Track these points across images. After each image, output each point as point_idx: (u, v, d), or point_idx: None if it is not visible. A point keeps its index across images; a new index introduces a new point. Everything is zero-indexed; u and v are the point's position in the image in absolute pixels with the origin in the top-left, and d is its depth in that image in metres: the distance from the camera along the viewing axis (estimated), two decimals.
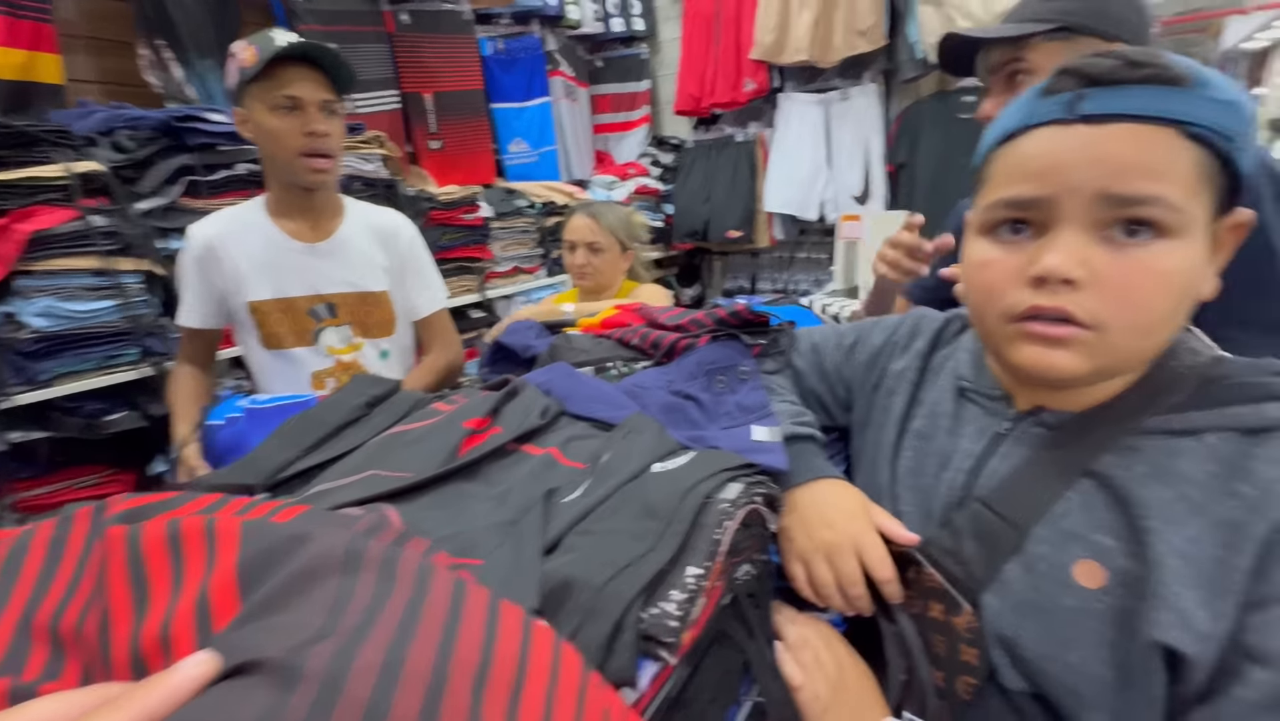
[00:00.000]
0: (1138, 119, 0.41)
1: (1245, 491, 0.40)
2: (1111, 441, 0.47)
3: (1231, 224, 0.45)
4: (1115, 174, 0.41)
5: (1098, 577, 0.45)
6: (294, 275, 1.16)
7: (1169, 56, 0.42)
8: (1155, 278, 0.42)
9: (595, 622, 0.34)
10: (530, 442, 0.62)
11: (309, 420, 0.71)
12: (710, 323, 0.79)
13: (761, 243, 2.94)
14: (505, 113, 2.69)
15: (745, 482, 0.48)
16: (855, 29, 2.39)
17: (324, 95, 1.08)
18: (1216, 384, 0.46)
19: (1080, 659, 0.45)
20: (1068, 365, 0.44)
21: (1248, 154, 0.42)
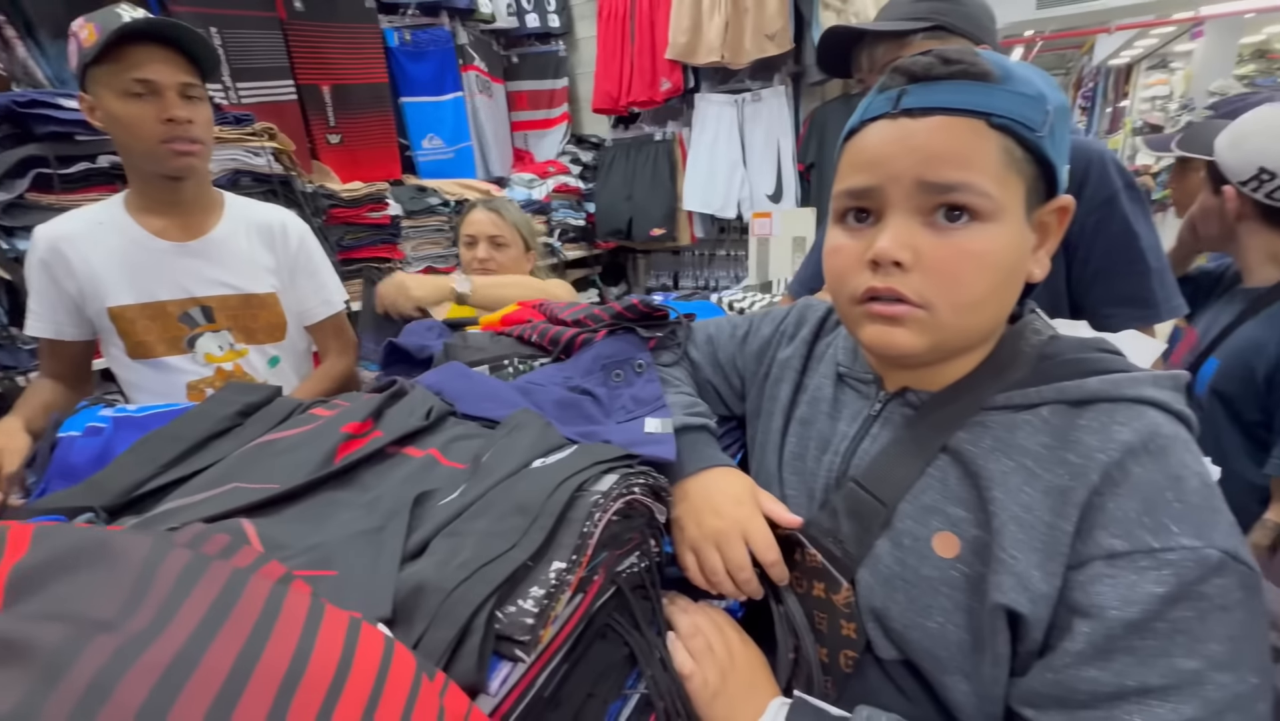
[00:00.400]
0: (950, 111, 0.44)
1: (1071, 459, 0.44)
2: (964, 418, 0.50)
3: (1054, 209, 0.48)
4: (928, 162, 0.44)
5: (953, 547, 0.48)
6: (160, 277, 1.06)
7: (980, 54, 0.45)
8: (974, 259, 0.44)
9: (441, 627, 0.32)
10: (412, 445, 0.59)
11: (168, 434, 0.65)
12: (607, 317, 0.79)
13: (683, 241, 2.98)
14: (417, 107, 2.58)
15: (621, 474, 0.47)
16: (764, 32, 2.47)
17: (183, 78, 0.98)
18: (1050, 361, 0.50)
19: (939, 625, 0.48)
20: (905, 341, 0.47)
21: (1056, 143, 0.46)
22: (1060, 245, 1.05)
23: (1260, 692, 0.39)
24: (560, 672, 0.42)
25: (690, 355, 0.79)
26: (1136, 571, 0.39)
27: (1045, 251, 0.50)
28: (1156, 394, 0.45)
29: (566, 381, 0.75)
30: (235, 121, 1.59)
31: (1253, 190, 1.02)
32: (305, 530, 0.46)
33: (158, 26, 0.95)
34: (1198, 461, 0.43)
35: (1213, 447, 1.09)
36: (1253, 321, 1.07)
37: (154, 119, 0.96)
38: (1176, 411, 0.45)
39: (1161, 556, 0.39)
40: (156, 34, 0.95)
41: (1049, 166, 0.46)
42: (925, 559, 0.49)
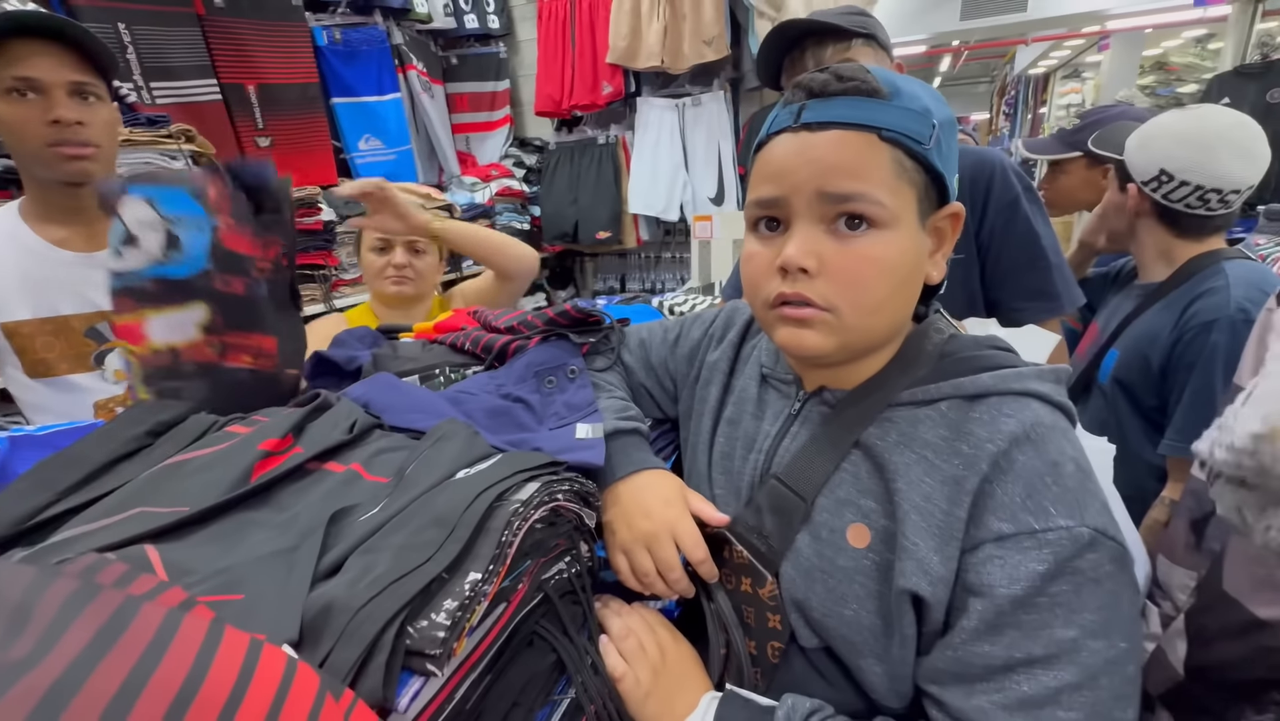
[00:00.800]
0: (845, 126, 0.47)
1: (964, 450, 0.47)
2: (873, 414, 0.53)
3: (946, 215, 0.52)
4: (826, 174, 0.47)
5: (865, 537, 0.50)
6: (63, 290, 0.99)
7: (872, 72, 0.48)
8: (872, 264, 0.47)
9: (348, 646, 0.32)
10: (334, 460, 0.57)
11: (68, 457, 0.61)
12: (540, 324, 0.78)
13: (629, 243, 3.00)
14: (351, 108, 2.50)
15: (544, 481, 0.48)
16: (701, 38, 2.51)
17: (73, 76, 0.91)
18: (949, 359, 0.53)
19: (854, 612, 0.50)
20: (814, 342, 0.49)
21: (943, 154, 0.49)
22: (974, 248, 1.12)
23: (1129, 655, 0.43)
24: (482, 684, 0.42)
25: (623, 359, 0.80)
26: (1020, 551, 0.43)
27: (941, 255, 0.53)
28: (1039, 387, 0.49)
29: (499, 389, 0.75)
30: (149, 123, 1.50)
31: (1153, 190, 1.11)
32: (215, 553, 0.45)
33: (39, 20, 0.87)
34: (1074, 447, 0.47)
35: (1116, 432, 1.19)
36: (1146, 314, 1.16)
37: (38, 120, 0.89)
38: (1057, 402, 0.49)
39: (1042, 537, 0.42)
40: (41, 29, 0.88)
41: (938, 176, 0.49)
42: (840, 550, 0.51)
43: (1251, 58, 3.86)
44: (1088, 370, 1.26)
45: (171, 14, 1.83)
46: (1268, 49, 3.61)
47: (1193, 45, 7.34)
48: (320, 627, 0.34)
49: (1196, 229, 1.11)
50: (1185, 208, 1.08)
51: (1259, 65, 3.56)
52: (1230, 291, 1.03)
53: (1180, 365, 1.07)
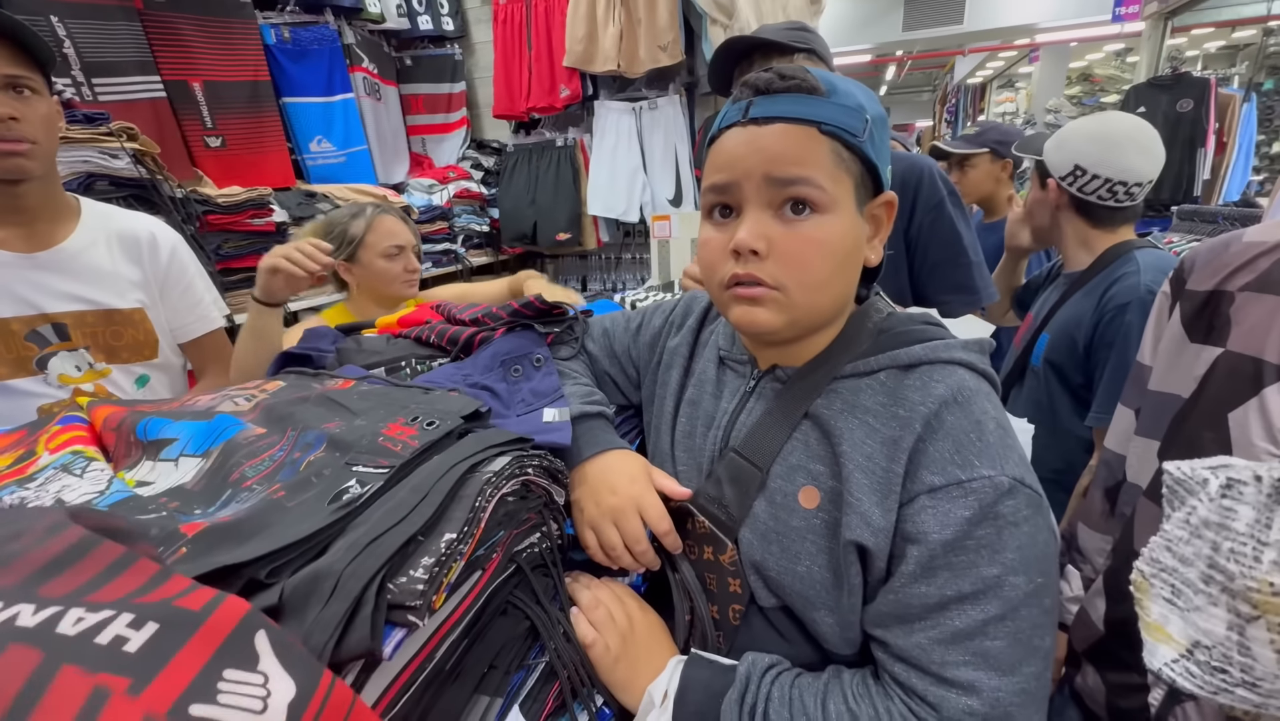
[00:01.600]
0: (788, 120, 0.51)
1: (900, 413, 0.52)
2: (820, 387, 0.57)
3: (881, 203, 0.57)
4: (772, 161, 0.51)
5: (815, 499, 0.55)
6: (1, 294, 0.95)
7: (811, 72, 0.53)
8: (816, 245, 0.52)
9: (336, 603, 0.34)
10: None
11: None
12: (505, 315, 0.81)
13: (589, 245, 3.02)
14: (302, 108, 2.45)
15: (514, 455, 0.50)
16: (657, 44, 2.56)
17: (5, 69, 0.88)
18: (886, 334, 0.59)
19: (806, 568, 0.55)
20: (765, 319, 0.53)
21: (876, 146, 0.54)
22: (903, 245, 1.23)
23: (1045, 589, 0.48)
24: (460, 647, 0.44)
25: (587, 348, 0.83)
26: (950, 500, 0.48)
27: (879, 240, 0.59)
28: (965, 356, 0.55)
29: (466, 379, 0.76)
30: (87, 120, 1.45)
31: (1069, 184, 1.21)
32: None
33: None
34: (996, 409, 0.53)
35: (1048, 410, 1.29)
36: (1071, 300, 1.26)
37: None
38: (981, 370, 0.55)
39: (968, 486, 0.47)
40: None
41: (872, 166, 0.54)
42: (793, 511, 0.55)
43: (1163, 71, 4.18)
44: (1022, 355, 1.36)
45: (108, 8, 1.76)
46: (1176, 63, 3.92)
47: (1114, 58, 7.88)
48: (308, 594, 0.35)
49: (1108, 219, 1.23)
50: (1098, 199, 1.19)
51: (1169, 78, 3.86)
52: (1140, 276, 1.14)
53: (1101, 344, 1.17)
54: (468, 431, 0.56)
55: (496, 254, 3.21)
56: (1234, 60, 7.04)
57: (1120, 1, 5.13)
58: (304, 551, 0.40)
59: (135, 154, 1.52)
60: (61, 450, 0.57)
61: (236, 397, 0.69)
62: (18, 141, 0.90)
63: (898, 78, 10.52)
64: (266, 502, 0.47)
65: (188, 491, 0.53)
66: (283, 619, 0.36)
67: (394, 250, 1.36)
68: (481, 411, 0.61)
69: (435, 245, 2.81)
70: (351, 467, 0.49)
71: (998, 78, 9.11)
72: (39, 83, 0.93)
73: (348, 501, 0.44)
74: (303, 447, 0.56)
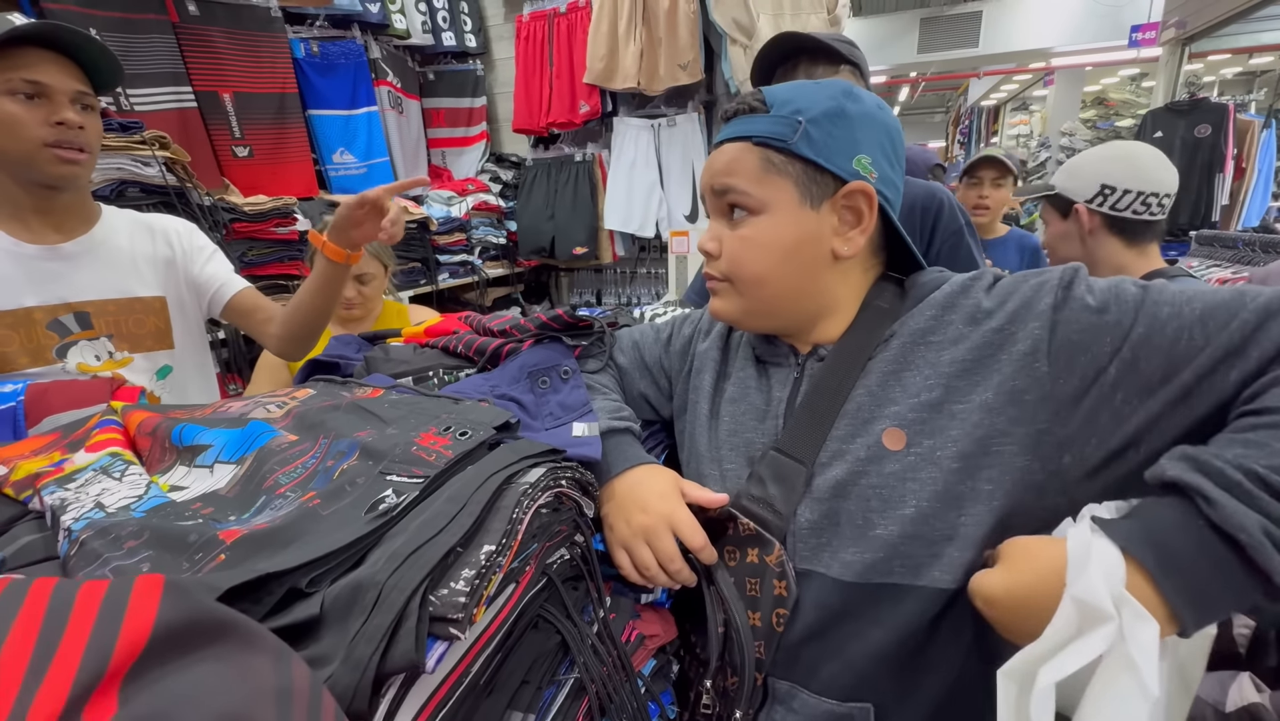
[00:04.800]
0: (732, 139, 0.60)
1: (960, 303, 0.57)
2: (868, 349, 0.60)
3: (847, 193, 0.58)
4: (713, 175, 0.61)
5: (900, 440, 0.55)
6: (26, 284, 0.98)
7: (768, 91, 0.59)
8: (748, 243, 0.60)
9: (379, 615, 0.33)
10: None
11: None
12: (533, 327, 0.81)
13: (605, 259, 3.04)
14: (326, 120, 2.50)
15: (548, 467, 0.50)
16: (677, 62, 2.59)
17: (77, 86, 0.94)
18: (912, 290, 0.62)
19: (915, 507, 0.53)
20: (720, 307, 0.64)
21: (815, 144, 0.57)
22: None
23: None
24: (495, 661, 0.44)
25: (617, 361, 0.82)
26: (1073, 302, 0.52)
27: (859, 231, 0.60)
28: (986, 275, 0.60)
29: (493, 390, 0.76)
30: (121, 129, 1.48)
31: (1099, 205, 1.21)
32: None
33: (57, 32, 0.91)
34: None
35: None
36: None
37: (42, 121, 0.91)
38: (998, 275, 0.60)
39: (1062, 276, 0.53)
40: (54, 40, 0.91)
41: (818, 163, 0.57)
42: (884, 458, 0.55)
43: (1180, 96, 4.18)
44: None
45: (144, 21, 1.81)
46: (1194, 88, 3.93)
47: (1129, 83, 7.89)
48: (350, 604, 0.35)
49: (1143, 234, 1.23)
50: (1133, 214, 1.19)
51: (1187, 103, 3.85)
52: None
53: None
54: (498, 442, 0.56)
55: (512, 266, 3.24)
56: (1251, 86, 7.03)
57: (1137, 27, 5.15)
58: (343, 560, 0.40)
59: (166, 162, 1.55)
60: (100, 450, 0.57)
61: (268, 404, 0.69)
62: (79, 151, 0.96)
63: (911, 99, 10.59)
64: (302, 510, 0.47)
65: (222, 497, 0.53)
66: (323, 629, 0.36)
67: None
68: (511, 422, 0.60)
69: (453, 256, 2.83)
70: (386, 476, 0.49)
71: (1012, 100, 9.14)
72: (96, 101, 0.99)
73: (384, 511, 0.44)
74: (335, 455, 0.56)
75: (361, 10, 2.50)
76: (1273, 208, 4.09)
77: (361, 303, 1.47)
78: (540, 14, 2.88)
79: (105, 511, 0.50)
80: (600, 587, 0.56)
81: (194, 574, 0.40)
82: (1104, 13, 5.57)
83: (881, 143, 0.60)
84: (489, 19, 3.20)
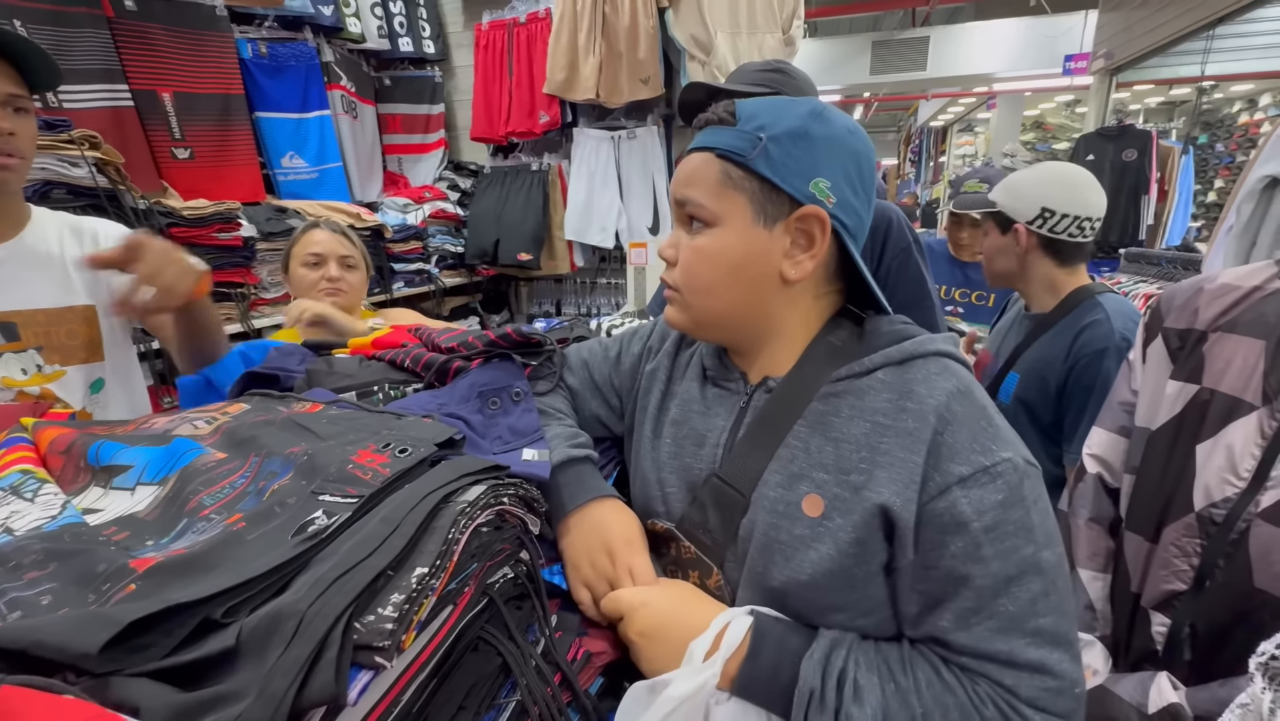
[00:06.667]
0: (697, 149, 0.60)
1: (910, 406, 0.53)
2: (811, 392, 0.59)
3: (799, 216, 0.56)
4: (677, 185, 0.61)
5: (819, 507, 0.55)
6: None
7: (741, 104, 0.59)
8: (699, 254, 0.59)
9: (299, 645, 0.32)
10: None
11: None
12: (481, 345, 0.79)
13: (561, 269, 3.03)
14: (275, 123, 2.42)
15: (489, 485, 0.49)
16: (637, 77, 2.62)
17: (11, 89, 0.89)
18: (870, 336, 0.61)
19: (810, 575, 0.55)
20: (671, 315, 0.64)
21: (773, 162, 0.55)
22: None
23: (1064, 556, 0.52)
24: (429, 688, 0.42)
25: (567, 382, 0.81)
26: (981, 487, 0.50)
27: (809, 256, 0.57)
28: (948, 348, 0.58)
29: (441, 408, 0.74)
30: (47, 126, 1.40)
31: (1038, 226, 1.27)
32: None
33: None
34: (984, 393, 0.56)
35: None
36: (1040, 341, 1.32)
37: None
38: (962, 360, 0.58)
39: (994, 471, 0.50)
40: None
41: (774, 182, 0.55)
42: (797, 520, 0.55)
43: (1109, 122, 4.45)
44: (988, 391, 1.41)
45: (76, 14, 1.72)
46: (1122, 115, 4.19)
47: (1064, 109, 8.38)
48: (269, 634, 0.33)
49: (1074, 255, 1.30)
50: (1068, 236, 1.26)
51: (1115, 129, 4.11)
52: (1111, 323, 1.21)
53: (1078, 387, 1.23)
54: (441, 459, 0.55)
55: (470, 275, 3.19)
56: (1172, 115, 7.56)
57: (1070, 56, 5.49)
58: (264, 588, 0.38)
59: (97, 163, 1.47)
60: (8, 469, 0.53)
61: (196, 420, 0.66)
62: (9, 156, 0.91)
63: (865, 118, 10.97)
64: (225, 534, 0.45)
65: (140, 521, 0.50)
66: (239, 662, 0.34)
67: (311, 259, 1.36)
68: (456, 439, 0.59)
69: (409, 265, 2.78)
70: (318, 497, 0.47)
71: (958, 122, 9.58)
72: (29, 102, 0.94)
73: (313, 534, 0.42)
74: (267, 475, 0.53)
75: (314, 13, 2.44)
76: (1192, 228, 4.39)
77: (347, 290, 1.36)
78: (500, 23, 2.87)
79: (13, 535, 0.46)
80: (545, 606, 0.55)
81: (100, 605, 0.38)
82: (1041, 42, 5.92)
83: (846, 167, 0.57)
84: (448, 26, 3.17)
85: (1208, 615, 0.64)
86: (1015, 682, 0.50)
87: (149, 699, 0.31)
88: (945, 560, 0.51)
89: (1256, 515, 0.61)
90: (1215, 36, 3.81)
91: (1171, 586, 0.67)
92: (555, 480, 0.65)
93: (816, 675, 0.51)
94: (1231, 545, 0.62)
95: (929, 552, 0.51)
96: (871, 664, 0.52)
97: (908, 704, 0.50)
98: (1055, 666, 0.50)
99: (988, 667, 0.50)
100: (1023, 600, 0.50)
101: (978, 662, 0.51)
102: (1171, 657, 0.67)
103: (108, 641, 0.32)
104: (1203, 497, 0.65)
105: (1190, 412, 0.68)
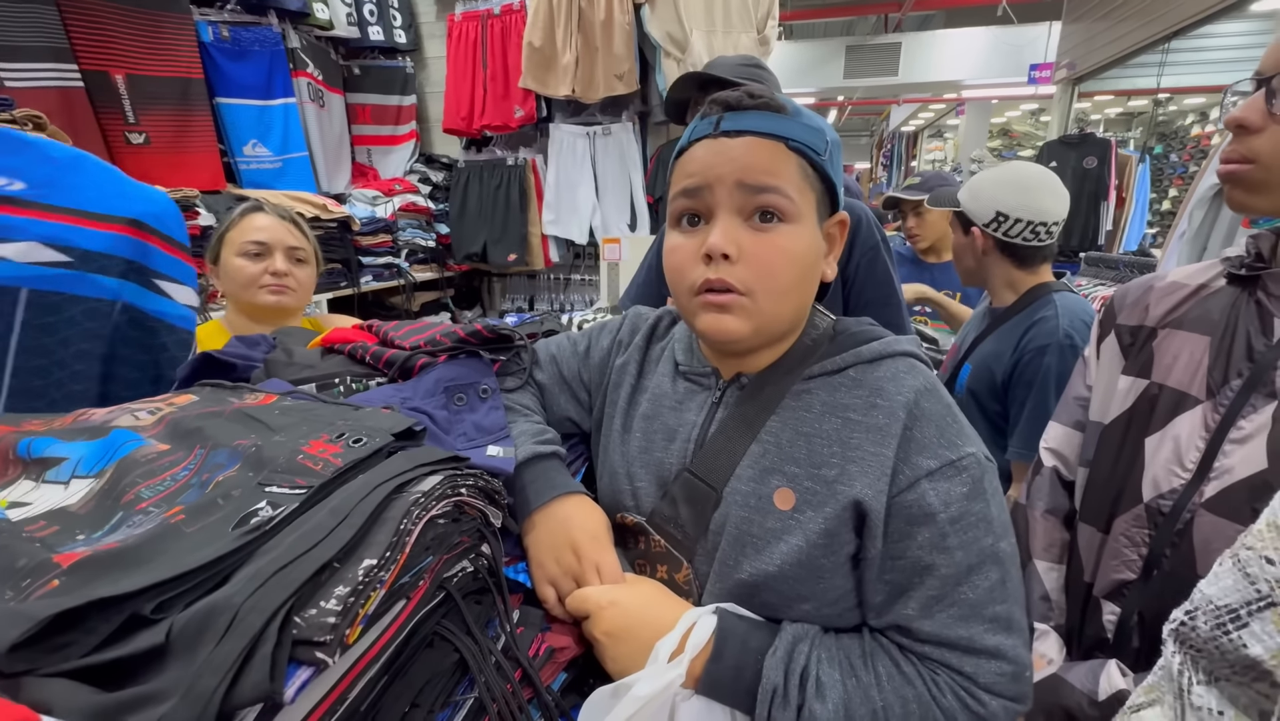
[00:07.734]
0: (757, 134, 0.54)
1: (880, 403, 0.55)
2: (785, 389, 0.59)
3: (836, 221, 0.60)
4: (745, 169, 0.53)
5: (790, 500, 0.55)
6: None
7: (775, 93, 0.56)
8: (783, 253, 0.54)
9: (231, 640, 0.30)
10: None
11: None
12: (449, 342, 0.77)
13: (538, 265, 3.00)
14: (238, 109, 2.34)
15: (446, 474, 0.47)
16: (613, 72, 2.61)
17: None
18: (840, 336, 0.62)
19: (779, 567, 0.55)
20: (733, 326, 0.54)
21: (834, 167, 0.57)
22: (840, 281, 1.31)
23: (1016, 547, 0.55)
24: (378, 685, 0.41)
25: (536, 379, 0.79)
26: (947, 480, 0.51)
27: (833, 257, 0.61)
28: (913, 349, 0.59)
29: (404, 402, 0.72)
30: None
31: (993, 230, 1.30)
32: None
33: None
34: (946, 392, 0.57)
35: None
36: (993, 335, 1.34)
37: None
38: (925, 359, 0.60)
39: (959, 464, 0.51)
40: None
41: (831, 185, 0.57)
42: (768, 514, 0.56)
43: (1071, 130, 4.60)
44: (947, 382, 1.43)
45: None
46: (1083, 124, 4.33)
47: (1029, 117, 8.64)
48: (201, 630, 0.32)
49: (1032, 258, 1.32)
50: (1022, 241, 1.28)
51: (1077, 137, 4.25)
52: (1059, 320, 1.23)
53: (1020, 382, 1.25)
54: (399, 450, 0.53)
55: (442, 270, 3.14)
56: (1130, 125, 7.85)
57: (1035, 66, 5.66)
58: (200, 582, 0.36)
59: None
60: None
61: (138, 411, 0.62)
62: None
63: (838, 121, 11.14)
64: (163, 527, 0.42)
65: (72, 514, 0.47)
66: (168, 660, 0.32)
67: (253, 247, 1.15)
68: (416, 430, 0.57)
69: (378, 258, 2.72)
70: (264, 488, 0.45)
71: (928, 127, 9.79)
72: None
73: (256, 525, 0.40)
74: (212, 467, 0.51)
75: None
76: (1148, 234, 4.56)
77: (296, 288, 1.20)
78: (473, 14, 2.82)
79: None
80: (507, 600, 0.54)
81: (19, 602, 0.35)
82: (1007, 51, 6.09)
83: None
84: (420, 16, 3.11)
85: (1155, 603, 0.66)
86: (975, 669, 0.51)
87: (64, 700, 0.28)
88: (912, 550, 0.52)
89: (1200, 505, 0.63)
90: (1171, 50, 3.96)
91: (1121, 576, 0.69)
92: (520, 476, 0.63)
93: (779, 672, 0.51)
94: (1177, 535, 0.64)
95: (896, 543, 0.53)
96: (833, 659, 0.53)
97: (869, 697, 0.51)
98: (1010, 651, 0.52)
99: (948, 655, 0.52)
100: (982, 588, 0.51)
101: (938, 650, 0.52)
102: (1121, 645, 0.69)
103: (20, 639, 0.30)
104: (1151, 489, 0.67)
105: (1140, 406, 0.70)
